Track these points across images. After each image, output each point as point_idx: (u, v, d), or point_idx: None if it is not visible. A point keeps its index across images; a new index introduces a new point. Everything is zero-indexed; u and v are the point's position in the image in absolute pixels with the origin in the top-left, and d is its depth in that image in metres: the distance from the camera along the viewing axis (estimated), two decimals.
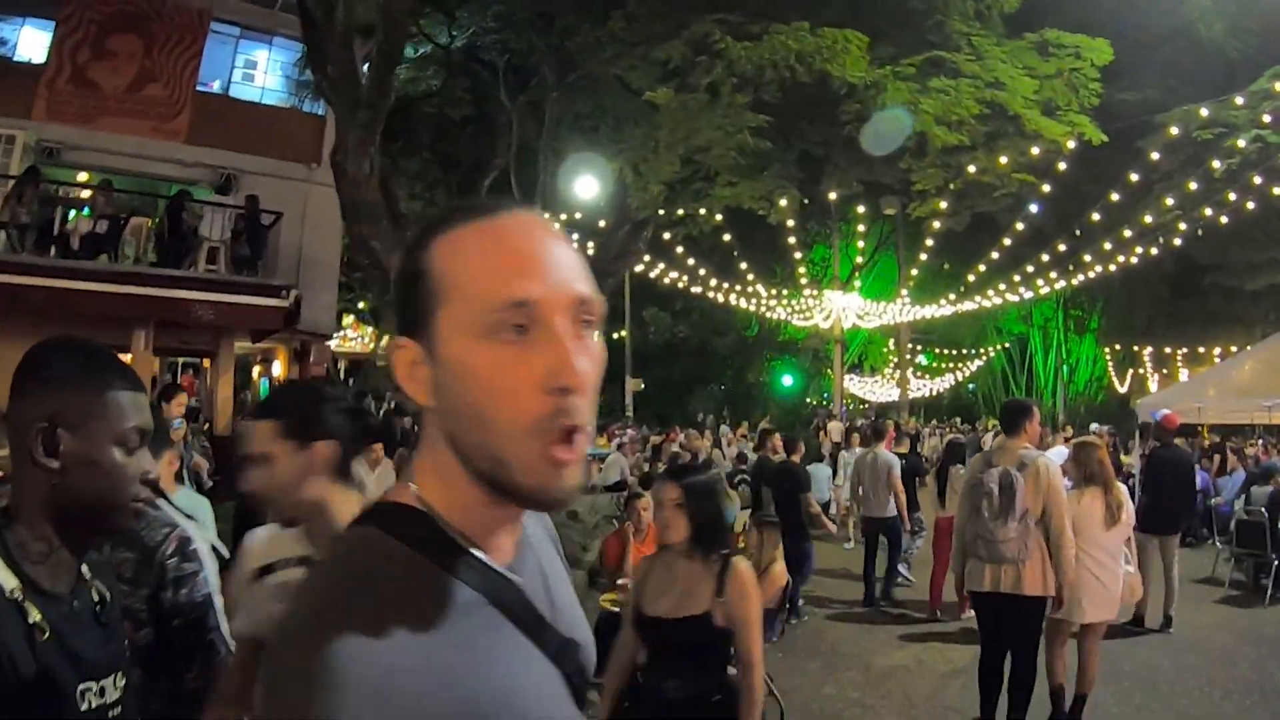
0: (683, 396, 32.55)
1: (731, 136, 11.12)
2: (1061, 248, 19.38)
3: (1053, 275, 21.44)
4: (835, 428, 19.11)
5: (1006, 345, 35.10)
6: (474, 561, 0.92)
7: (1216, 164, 16.00)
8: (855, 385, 35.89)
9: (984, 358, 35.47)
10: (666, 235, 17.03)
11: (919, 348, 34.75)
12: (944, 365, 36.60)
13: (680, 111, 11.33)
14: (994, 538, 5.12)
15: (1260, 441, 19.47)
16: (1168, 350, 30.45)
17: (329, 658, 0.78)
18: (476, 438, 0.88)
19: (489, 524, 0.95)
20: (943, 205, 17.47)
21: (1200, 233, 18.24)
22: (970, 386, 37.73)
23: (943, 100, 11.74)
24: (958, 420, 30.60)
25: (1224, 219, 17.05)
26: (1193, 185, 16.17)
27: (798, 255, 20.64)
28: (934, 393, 37.48)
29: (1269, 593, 9.57)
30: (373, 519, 0.93)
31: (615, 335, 31.90)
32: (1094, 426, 17.90)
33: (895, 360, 31.01)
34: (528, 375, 0.86)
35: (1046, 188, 16.35)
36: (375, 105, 10.84)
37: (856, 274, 26.15)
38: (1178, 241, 18.47)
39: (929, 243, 19.94)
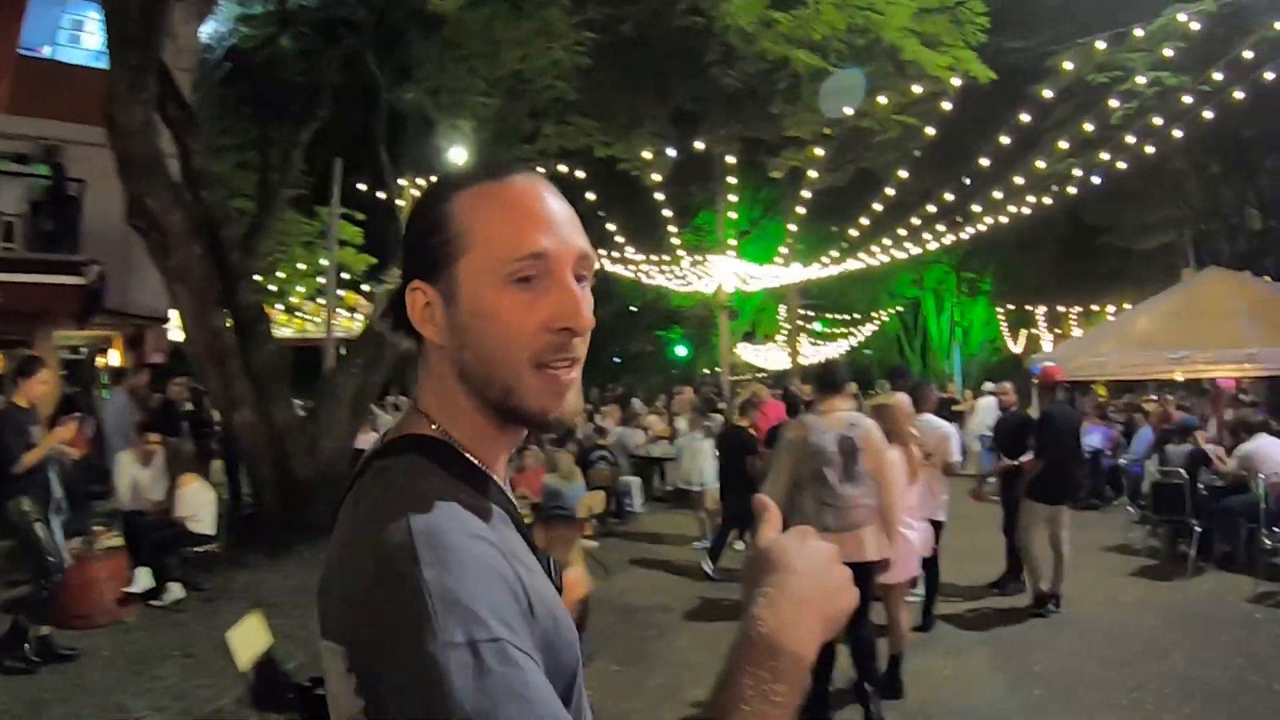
0: (590, 370, 30.89)
1: (549, 55, 9.63)
2: (949, 197, 18.15)
3: (941, 229, 20.29)
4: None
5: (900, 309, 34.51)
6: (493, 483, 1.02)
7: (1114, 103, 14.96)
8: (749, 354, 35.00)
9: (877, 322, 34.81)
10: None
11: (812, 314, 33.91)
12: (838, 331, 35.95)
13: (477, 25, 9.80)
14: (845, 504, 4.86)
15: (1155, 398, 18.76)
16: (1061, 309, 30.06)
17: (453, 559, 0.84)
18: (490, 370, 0.98)
19: (494, 450, 1.04)
20: (818, 152, 16.36)
21: (1096, 180, 17.24)
22: (866, 352, 37.08)
23: (798, 18, 10.41)
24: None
25: (1121, 164, 16.01)
26: (1088, 127, 15.04)
27: (668, 213, 19.11)
28: (830, 358, 36.62)
29: (1191, 561, 8.41)
30: (408, 448, 0.99)
31: None
32: (988, 385, 16.76)
33: (789, 328, 29.97)
34: (538, 317, 0.96)
35: (930, 131, 15.27)
36: (144, 45, 9.26)
37: (741, 238, 24.95)
38: (1072, 190, 17.45)
39: (805, 194, 18.71)
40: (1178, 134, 14.89)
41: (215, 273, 9.87)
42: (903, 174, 17.17)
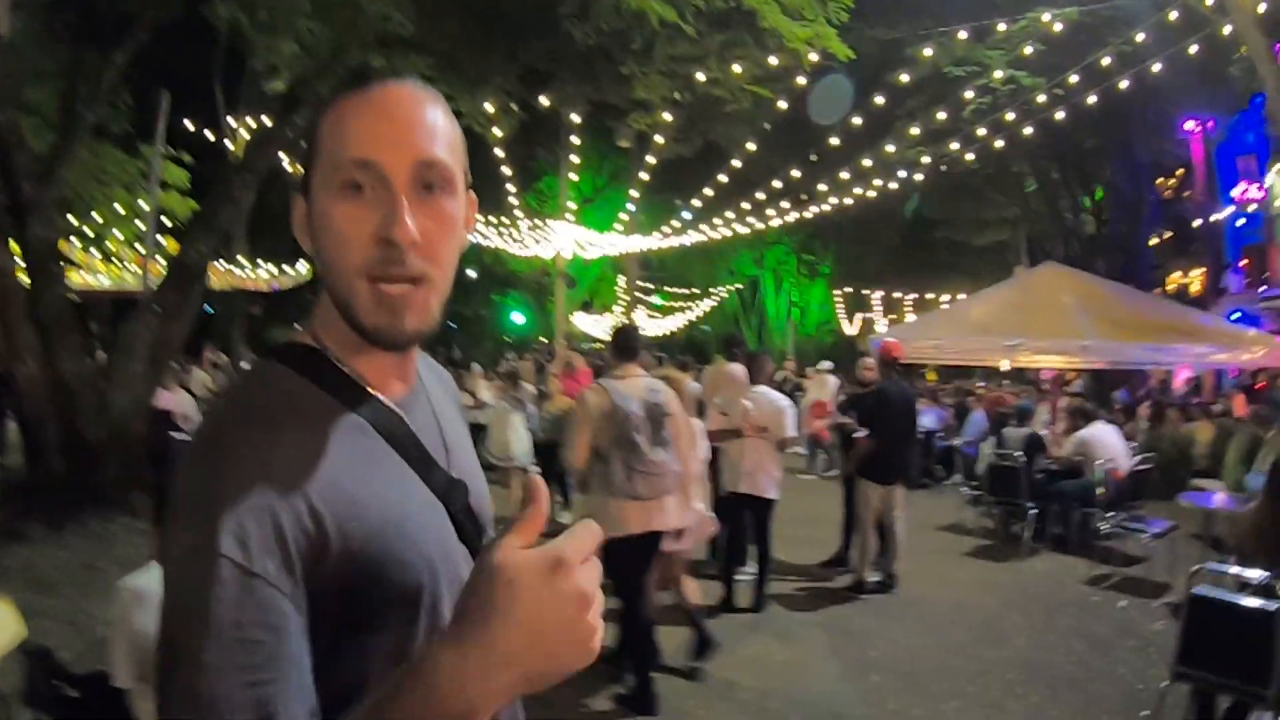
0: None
1: None
2: (796, 174, 18.00)
3: (785, 206, 20.18)
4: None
5: (739, 286, 34.68)
6: (362, 393, 0.98)
7: (969, 94, 15.07)
8: (586, 323, 34.51)
9: (716, 299, 34.89)
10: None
11: (651, 287, 33.74)
12: (676, 305, 35.83)
13: None
14: (655, 470, 4.60)
15: (984, 384, 19.31)
16: (897, 296, 30.85)
17: (224, 465, 0.84)
18: (332, 280, 0.96)
19: (376, 365, 1.00)
20: (667, 117, 15.93)
21: (944, 168, 17.45)
22: (704, 327, 37.17)
23: None
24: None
25: (969, 156, 16.19)
26: (941, 116, 15.09)
27: (509, 172, 18.29)
28: (668, 332, 36.69)
29: (1025, 543, 8.32)
30: (272, 354, 1.00)
31: None
32: (824, 363, 16.78)
33: (627, 299, 29.64)
34: (364, 226, 0.92)
35: (783, 105, 15.02)
36: None
37: (584, 205, 24.43)
38: (919, 177, 17.60)
39: (651, 160, 18.26)
40: (1028, 131, 15.15)
41: (3, 203, 8.44)
42: (751, 147, 16.91)
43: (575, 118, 17.19)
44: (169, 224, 18.81)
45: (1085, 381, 16.82)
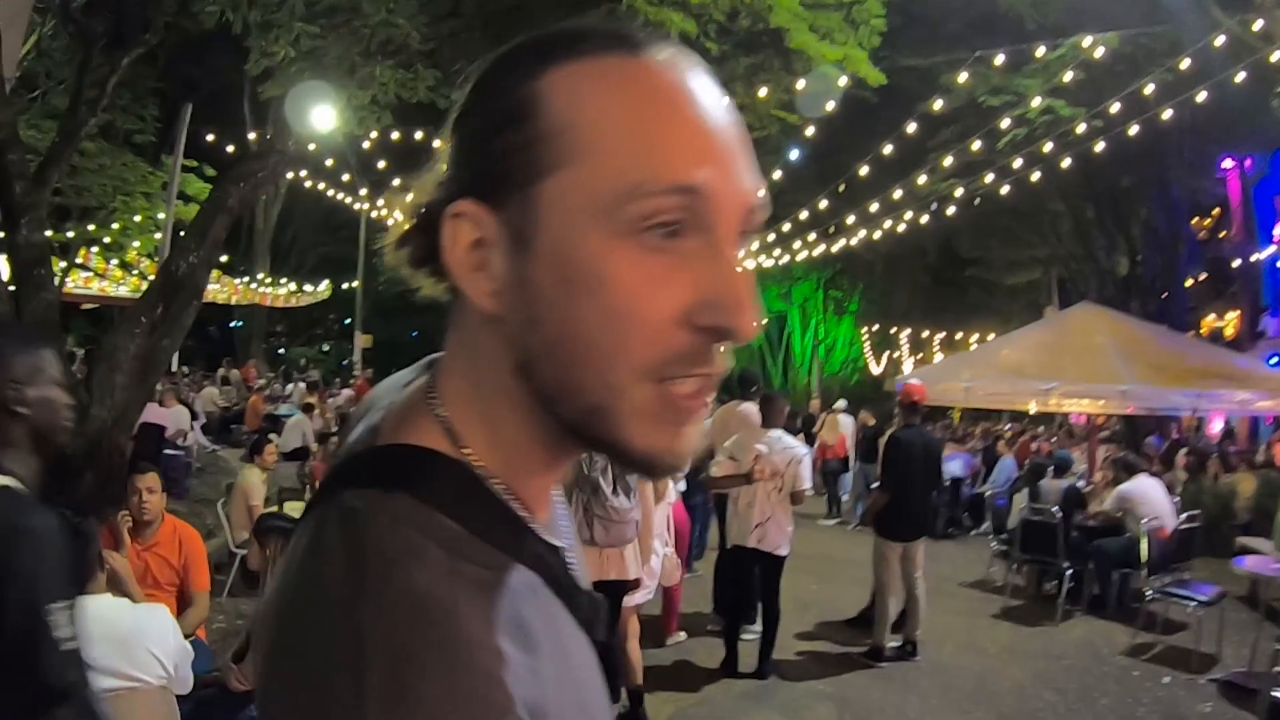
0: (420, 355, 29.31)
1: None
2: (824, 204, 17.49)
3: (812, 238, 19.71)
4: None
5: (765, 321, 34.20)
6: (529, 535, 0.64)
7: (1006, 123, 14.58)
8: None
9: None
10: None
11: None
12: None
13: None
14: (616, 517, 4.37)
15: (1011, 427, 18.65)
16: (925, 335, 30.26)
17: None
18: (573, 373, 0.60)
19: (539, 484, 0.68)
20: None
21: (977, 201, 16.91)
22: (729, 362, 36.79)
23: None
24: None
25: (1005, 189, 15.65)
26: (976, 146, 14.61)
27: None
28: None
29: (1060, 605, 7.67)
30: (400, 475, 0.61)
31: (345, 285, 28.60)
32: (840, 403, 16.29)
33: None
34: (678, 298, 0.58)
35: (810, 131, 14.62)
36: None
37: None
38: (951, 211, 17.05)
39: None
40: (1066, 163, 14.61)
41: None
42: (777, 175, 16.51)
43: None
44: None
45: (1119, 427, 16.14)
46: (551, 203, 0.58)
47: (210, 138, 17.60)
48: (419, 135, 17.14)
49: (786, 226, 18.84)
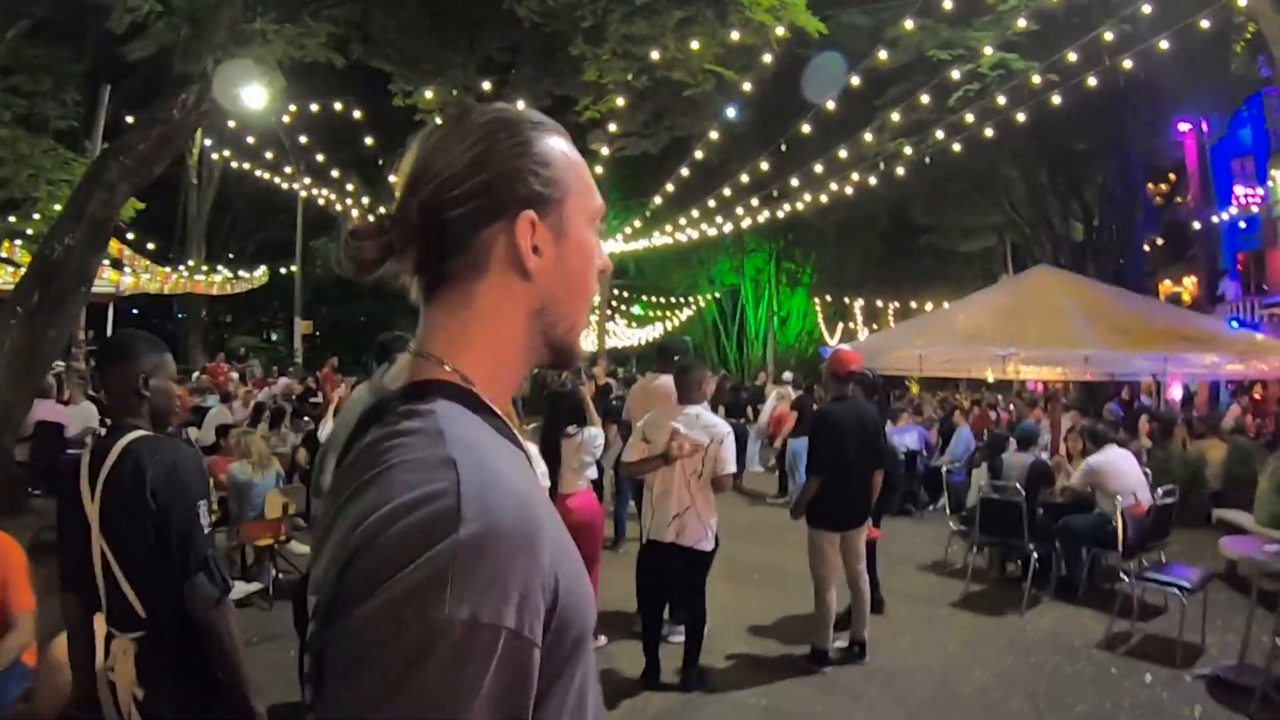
0: (361, 340, 28.36)
1: None
2: (765, 166, 16.55)
3: (755, 203, 18.83)
4: None
5: (718, 295, 33.47)
6: (516, 440, 0.92)
7: (956, 75, 13.79)
8: None
9: (695, 308, 33.65)
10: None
11: (626, 294, 33.02)
12: (655, 314, 34.79)
13: None
14: None
15: (973, 397, 18.01)
16: (879, 304, 29.75)
17: (494, 521, 0.73)
18: (571, 305, 0.97)
19: (506, 396, 0.96)
20: (619, 102, 14.81)
21: (928, 160, 16.15)
22: (685, 337, 36.07)
23: None
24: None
25: (957, 147, 14.88)
26: (924, 99, 13.80)
27: None
28: (645, 341, 35.56)
29: (1026, 591, 6.92)
30: (438, 393, 0.87)
31: (284, 270, 27.64)
32: (786, 374, 15.67)
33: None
34: (598, 262, 1.01)
35: (747, 86, 13.82)
36: None
37: None
38: (901, 171, 16.24)
39: (604, 151, 17.18)
40: (1020, 118, 13.86)
41: None
42: (714, 135, 15.66)
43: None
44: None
45: (1077, 393, 15.55)
46: (571, 214, 0.95)
47: (131, 120, 16.59)
48: (339, 106, 16.10)
49: (727, 192, 17.97)
